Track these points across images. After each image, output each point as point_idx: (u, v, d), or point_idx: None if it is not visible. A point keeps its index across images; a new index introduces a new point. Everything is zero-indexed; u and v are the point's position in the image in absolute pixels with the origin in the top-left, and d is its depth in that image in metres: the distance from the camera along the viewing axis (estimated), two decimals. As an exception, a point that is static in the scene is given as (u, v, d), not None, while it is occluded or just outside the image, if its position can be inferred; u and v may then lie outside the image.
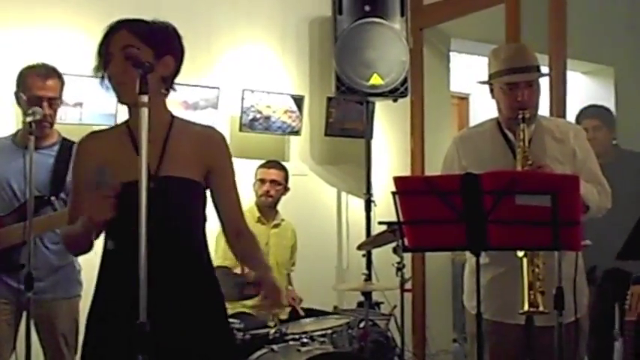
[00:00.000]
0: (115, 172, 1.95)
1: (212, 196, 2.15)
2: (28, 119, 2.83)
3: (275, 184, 4.09)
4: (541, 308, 2.48)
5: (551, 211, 2.13)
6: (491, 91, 2.79)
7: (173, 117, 2.13)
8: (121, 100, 2.04)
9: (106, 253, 2.07)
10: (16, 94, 3.10)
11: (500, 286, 2.36)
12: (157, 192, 1.91)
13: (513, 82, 2.67)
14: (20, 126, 3.14)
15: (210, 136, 2.16)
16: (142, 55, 1.97)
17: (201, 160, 2.09)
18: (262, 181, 4.10)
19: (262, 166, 4.16)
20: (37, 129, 2.83)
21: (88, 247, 2.07)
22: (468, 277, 2.87)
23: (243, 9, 4.56)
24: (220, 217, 2.19)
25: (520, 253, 2.50)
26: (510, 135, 2.73)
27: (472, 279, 2.79)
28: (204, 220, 2.12)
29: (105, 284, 2.06)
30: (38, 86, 3.02)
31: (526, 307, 2.48)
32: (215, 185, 2.13)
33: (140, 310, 1.74)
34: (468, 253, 2.84)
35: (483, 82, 2.80)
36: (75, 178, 2.13)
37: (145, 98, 1.81)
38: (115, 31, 2.02)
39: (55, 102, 3.05)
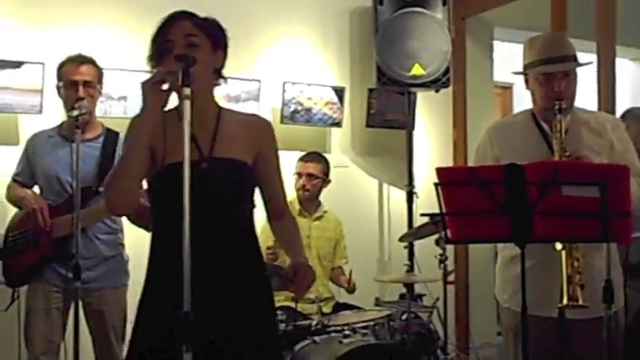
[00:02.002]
0: (164, 153, 2.01)
1: (259, 180, 2.17)
2: (75, 113, 2.89)
3: (312, 178, 4.05)
4: (580, 302, 2.43)
5: (600, 202, 2.09)
6: (526, 81, 2.73)
7: (220, 107, 2.17)
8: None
9: (154, 237, 2.08)
10: (57, 87, 3.17)
11: (531, 279, 2.32)
12: (210, 172, 1.99)
13: (550, 72, 2.62)
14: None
15: (257, 122, 2.22)
16: (202, 44, 2.02)
17: (250, 144, 2.12)
18: (299, 175, 4.08)
19: (300, 159, 4.14)
20: (82, 121, 2.89)
21: (135, 186, 2.01)
22: (500, 269, 2.83)
23: (283, 2, 4.56)
24: (265, 199, 2.23)
25: (558, 246, 2.45)
26: (545, 126, 2.67)
27: (504, 271, 2.80)
28: (253, 205, 2.14)
29: (154, 269, 2.07)
30: (73, 71, 3.10)
31: (565, 301, 2.44)
32: (262, 169, 2.16)
33: (184, 300, 1.75)
34: (499, 245, 2.82)
35: (518, 73, 2.75)
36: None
37: (187, 91, 1.83)
38: (176, 20, 2.04)
39: (90, 86, 3.10)
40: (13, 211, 3.24)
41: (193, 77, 1.88)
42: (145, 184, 2.09)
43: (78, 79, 3.09)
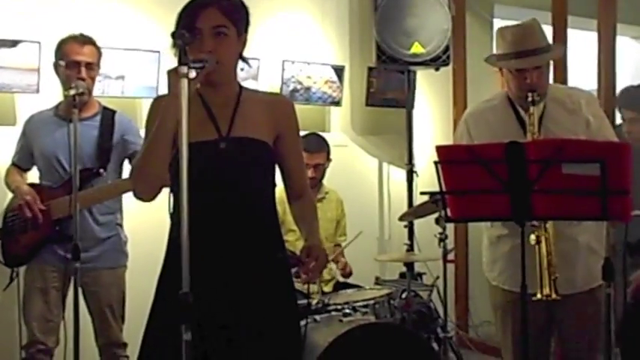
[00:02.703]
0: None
1: (279, 160, 2.17)
2: (72, 92, 2.86)
3: (319, 167, 4.00)
4: (553, 296, 2.45)
5: (600, 180, 2.08)
6: (500, 69, 2.73)
7: (241, 87, 2.17)
8: (212, 76, 2.01)
9: (173, 217, 2.04)
10: (55, 65, 3.13)
11: (517, 258, 2.34)
12: (228, 152, 1.99)
13: (521, 66, 2.61)
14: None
15: (279, 102, 2.23)
16: (229, 33, 2.02)
17: (271, 124, 2.12)
18: (306, 166, 4.02)
19: (305, 150, 4.05)
20: (80, 101, 2.87)
21: (166, 156, 1.95)
22: (487, 249, 2.85)
23: (282, -21, 4.52)
24: (285, 179, 2.23)
25: (533, 241, 2.46)
26: (522, 111, 2.67)
27: (491, 250, 2.83)
28: (274, 185, 2.14)
29: (172, 248, 2.05)
30: (76, 51, 3.06)
31: (539, 296, 2.46)
32: (283, 149, 2.16)
33: (183, 280, 1.74)
34: (485, 225, 2.83)
35: (490, 63, 2.75)
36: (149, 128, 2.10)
37: (184, 69, 1.81)
38: (204, 7, 2.01)
39: (92, 68, 3.08)
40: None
41: (221, 68, 1.93)
42: None
43: (80, 60, 3.05)
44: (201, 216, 1.81)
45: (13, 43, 3.56)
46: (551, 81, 2.81)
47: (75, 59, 3.05)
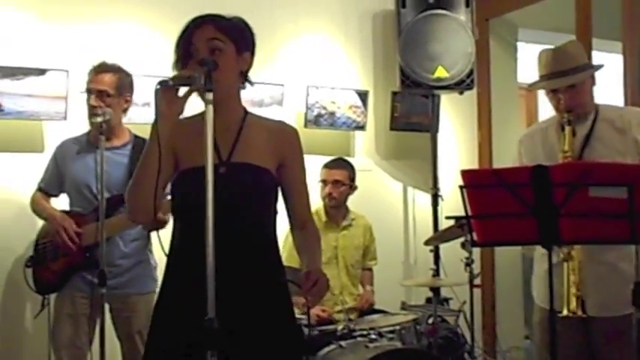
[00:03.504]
0: (187, 156, 2.00)
1: (282, 188, 2.14)
2: (98, 119, 2.91)
3: (338, 185, 3.97)
4: (579, 313, 2.48)
5: (628, 203, 2.05)
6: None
7: (247, 112, 2.15)
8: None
9: (172, 243, 2.06)
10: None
11: (555, 276, 2.33)
12: (227, 177, 1.96)
13: (553, 87, 2.69)
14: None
15: (283, 130, 2.18)
16: (226, 48, 1.99)
17: (274, 152, 2.09)
18: (324, 182, 3.99)
19: (325, 166, 4.06)
20: (107, 128, 2.91)
21: (151, 192, 1.92)
22: (535, 266, 2.88)
23: (305, 5, 4.56)
24: (288, 208, 2.18)
25: (558, 258, 2.49)
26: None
27: (536, 267, 2.86)
28: (275, 212, 2.11)
29: (171, 274, 2.05)
30: (90, 79, 3.14)
31: (565, 312, 2.48)
32: (286, 177, 2.13)
33: (208, 306, 1.72)
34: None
35: (530, 87, 2.87)
36: None
37: (210, 95, 1.81)
38: (199, 25, 2.02)
39: (105, 95, 3.11)
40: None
41: (215, 81, 1.86)
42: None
43: (91, 88, 3.12)
44: (200, 241, 1.77)
45: (41, 72, 3.63)
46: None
47: (88, 87, 3.13)
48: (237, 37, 2.04)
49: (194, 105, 1.98)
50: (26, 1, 3.76)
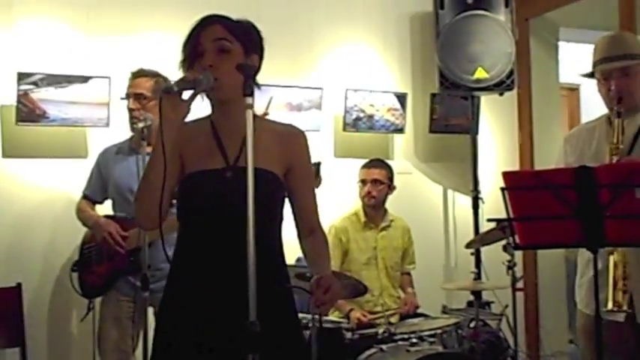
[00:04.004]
0: (193, 160, 1.97)
1: (289, 194, 2.10)
2: (140, 125, 2.95)
3: (377, 184, 3.96)
4: (625, 307, 2.40)
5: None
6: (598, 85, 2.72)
7: (255, 115, 2.07)
8: (212, 95, 1.99)
9: (177, 246, 2.02)
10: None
11: (601, 282, 2.28)
12: (234, 181, 1.91)
13: (607, 70, 2.60)
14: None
15: (292, 134, 2.11)
16: (233, 48, 1.96)
17: (282, 157, 2.05)
18: (363, 181, 3.98)
19: (364, 166, 4.05)
20: (148, 133, 2.94)
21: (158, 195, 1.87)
22: (579, 271, 2.82)
23: (342, 8, 4.55)
24: (295, 214, 2.13)
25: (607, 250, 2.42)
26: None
27: (580, 273, 2.79)
28: (281, 218, 2.06)
29: (174, 277, 2.01)
30: (129, 85, 3.23)
31: (610, 306, 2.41)
32: (294, 183, 2.08)
33: (250, 309, 1.72)
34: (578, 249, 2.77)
35: (585, 75, 2.73)
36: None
37: (250, 100, 1.80)
38: (207, 24, 2.00)
39: (143, 98, 3.16)
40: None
41: (220, 85, 1.85)
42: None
43: (130, 92, 3.20)
44: (205, 245, 1.75)
45: (85, 79, 3.70)
46: None
47: (127, 92, 3.21)
48: (245, 38, 2.01)
49: (200, 108, 1.99)
50: (69, 12, 3.84)
